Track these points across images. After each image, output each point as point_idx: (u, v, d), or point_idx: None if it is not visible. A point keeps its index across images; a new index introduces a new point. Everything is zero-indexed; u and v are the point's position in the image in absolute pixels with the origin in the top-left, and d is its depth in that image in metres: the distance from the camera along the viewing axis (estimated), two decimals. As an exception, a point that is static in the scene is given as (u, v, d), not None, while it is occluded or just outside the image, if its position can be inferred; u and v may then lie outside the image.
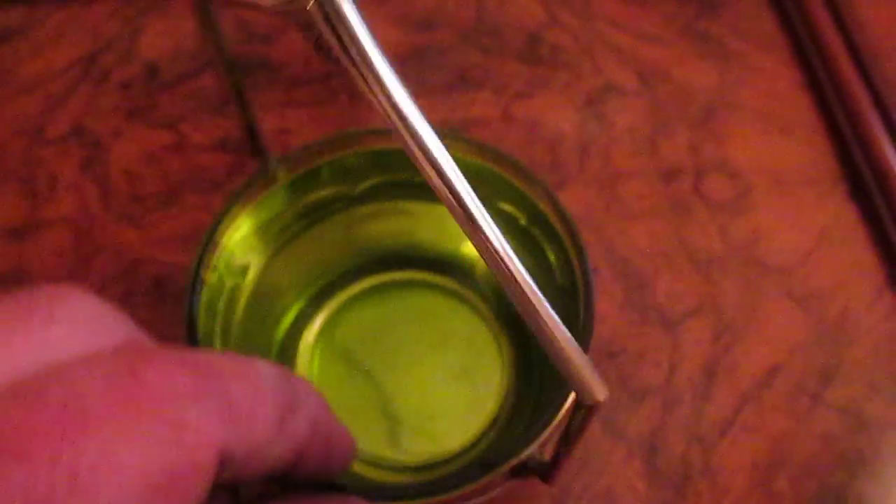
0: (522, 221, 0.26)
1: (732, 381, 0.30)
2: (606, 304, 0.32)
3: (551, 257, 0.26)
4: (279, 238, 0.27)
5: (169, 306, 0.32)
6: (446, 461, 0.26)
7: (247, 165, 0.35)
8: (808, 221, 0.34)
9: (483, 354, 0.28)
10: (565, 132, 0.36)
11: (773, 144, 0.36)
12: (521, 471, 0.21)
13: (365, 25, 0.14)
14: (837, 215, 0.34)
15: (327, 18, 0.13)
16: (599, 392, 0.16)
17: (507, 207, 0.27)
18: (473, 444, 0.26)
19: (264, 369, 0.14)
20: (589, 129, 0.36)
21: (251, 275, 0.26)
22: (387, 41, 0.40)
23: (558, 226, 0.25)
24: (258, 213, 0.26)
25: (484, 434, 0.26)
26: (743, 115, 0.36)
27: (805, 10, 0.38)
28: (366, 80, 0.14)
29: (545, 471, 0.21)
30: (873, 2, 0.39)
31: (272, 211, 0.27)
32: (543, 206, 0.25)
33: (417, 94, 0.38)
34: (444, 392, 0.27)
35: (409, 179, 0.28)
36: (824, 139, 0.36)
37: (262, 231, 0.27)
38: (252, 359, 0.14)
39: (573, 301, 0.23)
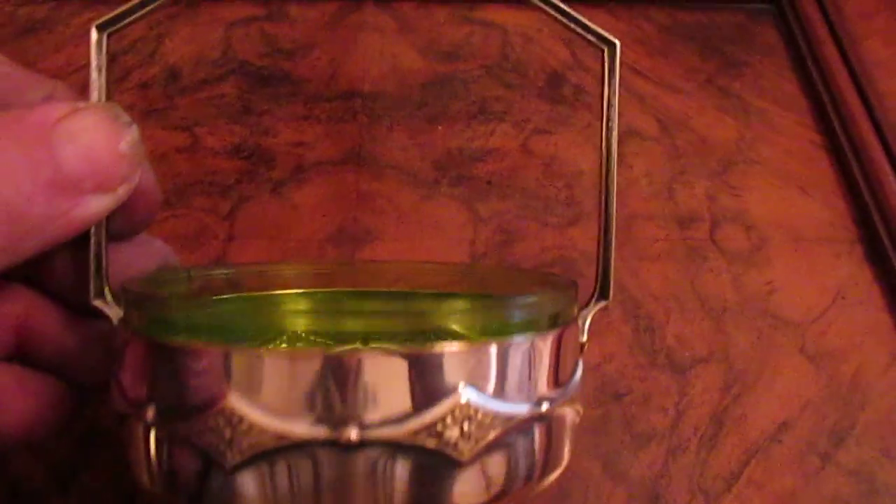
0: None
1: (740, 433, 0.29)
2: (614, 343, 0.31)
3: None
4: None
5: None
6: None
7: (258, 173, 0.35)
8: (823, 279, 0.33)
9: None
10: (583, 170, 0.35)
11: (791, 201, 0.35)
12: None
13: None
14: (854, 276, 0.33)
15: None
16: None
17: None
18: None
19: None
20: (607, 169, 0.36)
21: None
22: (410, 67, 0.40)
23: None
24: None
25: None
26: (761, 170, 0.36)
27: (827, 74, 0.38)
28: None
29: None
30: (893, 74, 0.39)
31: None
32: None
33: (437, 121, 0.38)
34: None
35: None
36: (842, 201, 0.36)
37: None
38: None
39: None
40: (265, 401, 0.16)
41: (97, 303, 0.19)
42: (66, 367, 0.21)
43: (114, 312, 0.19)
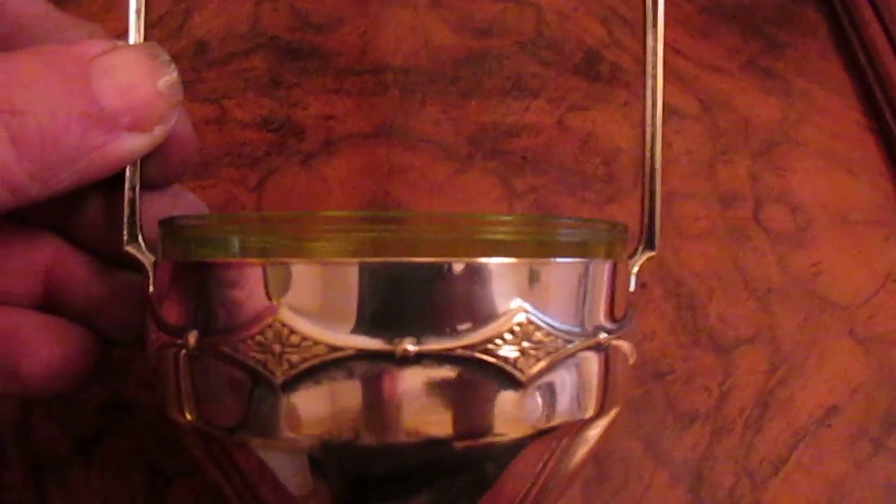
0: None
1: (788, 416, 0.28)
2: (656, 321, 0.29)
3: None
4: None
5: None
6: None
7: (287, 146, 0.34)
8: (872, 262, 0.32)
9: None
10: (621, 147, 0.34)
11: (837, 182, 0.34)
12: None
13: None
14: (904, 259, 0.32)
15: None
16: None
17: None
18: None
19: None
20: (645, 147, 0.35)
21: None
22: (442, 43, 0.39)
23: None
24: None
25: None
26: (806, 151, 0.35)
27: (874, 54, 0.37)
28: None
29: None
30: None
31: None
32: None
33: (471, 96, 0.37)
34: None
35: None
36: (890, 183, 0.34)
37: None
38: None
39: None
40: (317, 313, 0.15)
41: (130, 248, 0.18)
42: (94, 317, 0.20)
43: (147, 259, 0.18)
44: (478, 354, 0.15)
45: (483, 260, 0.15)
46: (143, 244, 0.19)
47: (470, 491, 0.17)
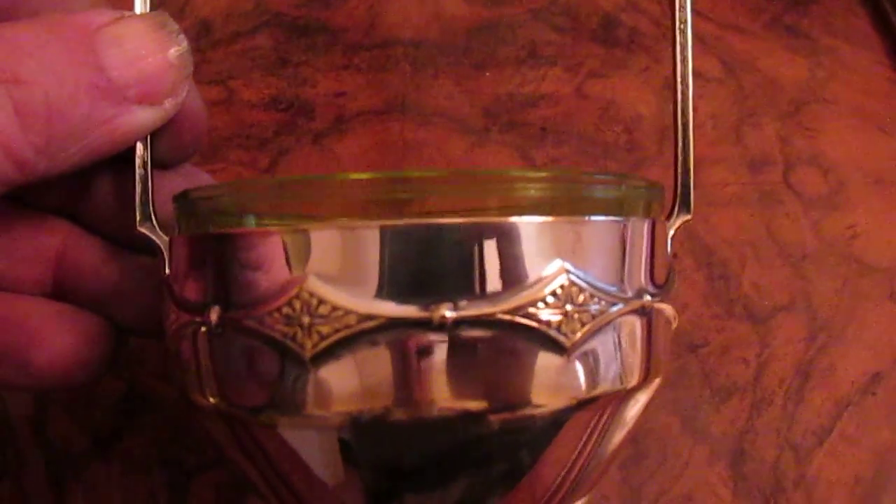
0: None
1: (829, 385, 0.27)
2: (688, 292, 0.28)
3: None
4: None
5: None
6: None
7: (298, 125, 0.33)
8: (911, 222, 0.30)
9: None
10: (643, 114, 0.33)
11: (871, 142, 0.33)
12: None
13: None
14: (943, 219, 0.31)
15: None
16: None
17: None
18: None
19: None
20: (669, 112, 0.33)
21: None
22: (454, 13, 0.38)
23: None
24: None
25: None
26: (836, 111, 0.34)
27: (904, 7, 0.36)
28: None
29: None
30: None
31: None
32: None
33: (485, 67, 0.36)
34: None
35: None
36: (926, 140, 0.33)
37: None
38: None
39: None
40: (346, 281, 0.14)
41: (143, 228, 0.17)
42: (107, 304, 0.19)
43: (161, 239, 0.17)
44: (519, 319, 0.14)
45: (521, 219, 0.14)
46: (156, 224, 0.18)
47: (505, 478, 0.16)
